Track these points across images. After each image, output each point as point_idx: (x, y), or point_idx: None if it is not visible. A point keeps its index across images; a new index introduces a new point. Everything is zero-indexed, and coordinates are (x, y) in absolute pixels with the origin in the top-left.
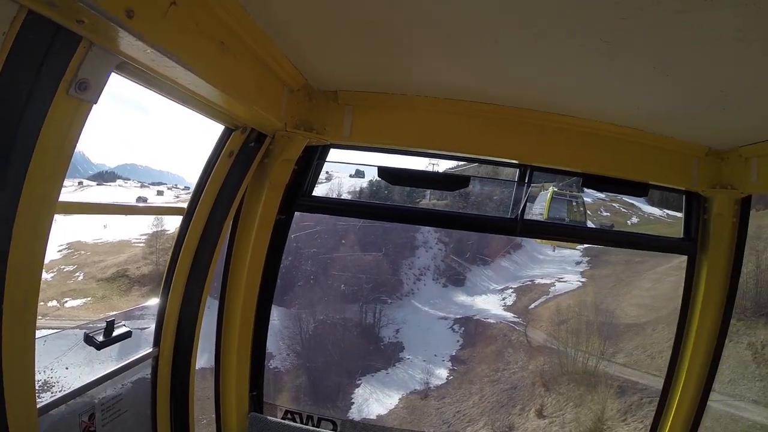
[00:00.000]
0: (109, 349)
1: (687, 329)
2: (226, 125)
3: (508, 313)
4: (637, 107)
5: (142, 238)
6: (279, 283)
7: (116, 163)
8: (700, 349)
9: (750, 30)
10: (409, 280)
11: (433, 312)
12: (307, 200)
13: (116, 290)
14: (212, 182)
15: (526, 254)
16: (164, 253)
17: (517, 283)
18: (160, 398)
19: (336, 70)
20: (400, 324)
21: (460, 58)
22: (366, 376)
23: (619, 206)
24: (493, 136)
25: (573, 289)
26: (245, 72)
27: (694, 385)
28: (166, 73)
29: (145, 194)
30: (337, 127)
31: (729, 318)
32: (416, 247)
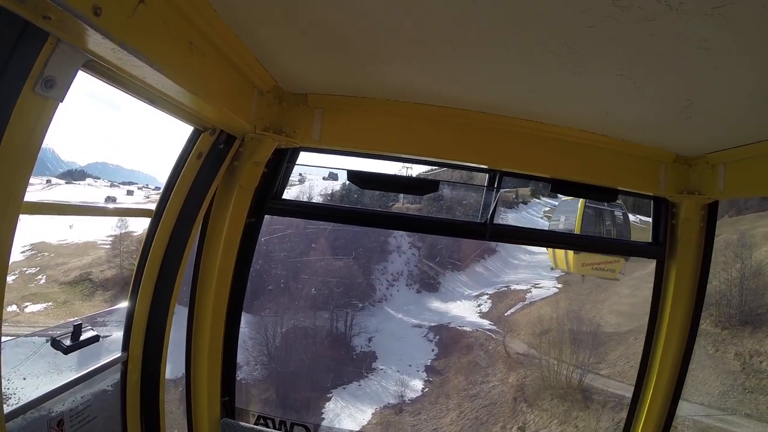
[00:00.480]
0: (72, 357)
1: (656, 332)
2: (195, 126)
3: (484, 320)
4: (606, 114)
5: (109, 239)
6: (247, 287)
7: (87, 162)
8: (670, 351)
9: (715, 39)
10: (381, 285)
11: (407, 319)
12: (277, 203)
13: (78, 295)
14: (181, 184)
15: (500, 259)
16: (129, 256)
17: (492, 289)
18: (130, 404)
19: (306, 73)
20: (372, 332)
21: (429, 64)
22: (337, 389)
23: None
24: (462, 141)
25: (549, 296)
26: (214, 73)
27: (665, 388)
28: (134, 72)
29: (115, 194)
30: (306, 130)
31: (698, 321)
32: (389, 252)
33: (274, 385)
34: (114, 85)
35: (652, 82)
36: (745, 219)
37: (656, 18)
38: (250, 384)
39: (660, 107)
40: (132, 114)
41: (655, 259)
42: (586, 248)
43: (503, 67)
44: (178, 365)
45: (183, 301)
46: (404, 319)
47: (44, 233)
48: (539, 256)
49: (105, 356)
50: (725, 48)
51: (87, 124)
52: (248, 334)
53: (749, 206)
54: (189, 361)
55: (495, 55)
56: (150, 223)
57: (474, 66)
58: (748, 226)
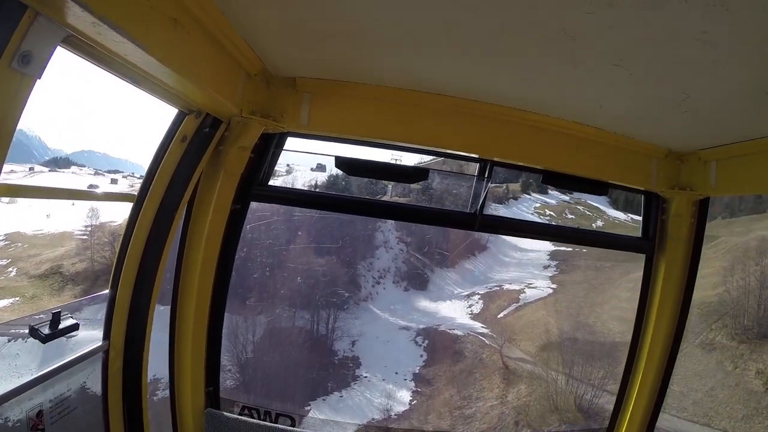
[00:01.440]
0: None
1: (644, 327)
2: (180, 108)
3: (476, 322)
4: (600, 106)
5: (87, 229)
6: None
7: (74, 149)
8: (657, 345)
9: (716, 33)
10: (367, 283)
11: (394, 320)
12: (263, 189)
13: (48, 289)
14: (164, 168)
15: (491, 256)
16: (101, 248)
17: (483, 288)
18: (112, 393)
19: (295, 56)
20: (356, 335)
21: (421, 49)
22: (316, 400)
23: (583, 209)
24: (454, 130)
25: (544, 297)
26: (199, 52)
27: (651, 383)
28: (115, 48)
29: (98, 182)
30: (294, 115)
31: (686, 316)
32: (376, 247)
33: (246, 394)
34: (95, 62)
35: (648, 74)
36: (739, 221)
37: (656, 7)
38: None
39: (655, 100)
40: (121, 101)
41: (644, 254)
42: (574, 241)
43: (498, 54)
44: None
45: (162, 300)
46: (390, 320)
47: (20, 223)
48: (531, 254)
49: (85, 345)
50: (724, 42)
51: (74, 110)
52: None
53: (743, 208)
54: (172, 351)
55: (490, 41)
56: (132, 208)
57: (468, 52)
58: (742, 228)
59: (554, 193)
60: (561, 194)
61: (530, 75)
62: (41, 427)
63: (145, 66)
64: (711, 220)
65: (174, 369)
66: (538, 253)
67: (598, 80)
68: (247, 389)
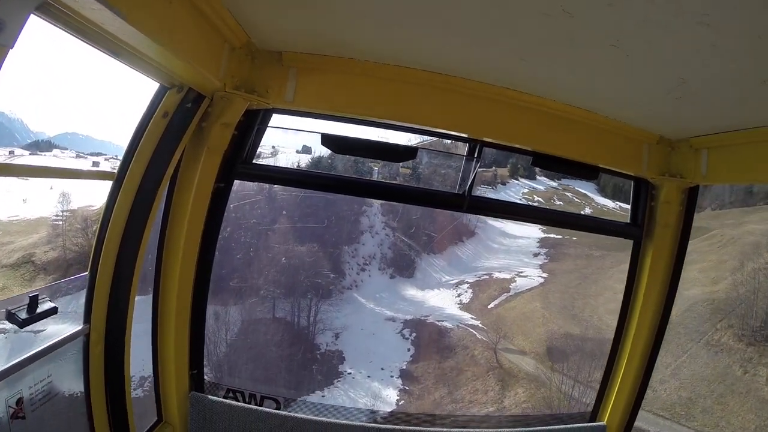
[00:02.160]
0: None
1: (630, 311)
2: (161, 83)
3: (465, 313)
4: (594, 87)
5: (63, 215)
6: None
7: (57, 132)
8: (643, 330)
9: (716, 15)
10: (352, 270)
11: (380, 310)
12: (247, 167)
13: (19, 279)
14: (144, 145)
15: (480, 243)
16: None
17: (472, 277)
18: (94, 378)
19: (281, 29)
20: (339, 327)
21: (410, 23)
22: (296, 402)
23: (572, 196)
24: (443, 108)
25: (535, 287)
26: (181, 22)
27: (636, 367)
28: (91, 16)
29: (80, 165)
30: (279, 91)
31: (671, 303)
32: (361, 232)
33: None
34: (71, 32)
35: (646, 56)
36: (730, 213)
37: None
38: None
39: (650, 84)
40: (104, 80)
41: (632, 240)
42: (562, 225)
43: (491, 29)
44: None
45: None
46: (376, 310)
47: None
48: (520, 241)
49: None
50: (726, 26)
51: (57, 91)
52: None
53: (733, 200)
54: (155, 333)
55: (484, 16)
56: (111, 186)
57: (459, 27)
58: (733, 221)
59: (542, 178)
60: (549, 180)
61: (524, 53)
62: (22, 414)
63: (123, 36)
64: (699, 211)
65: (157, 352)
66: (528, 240)
67: (594, 61)
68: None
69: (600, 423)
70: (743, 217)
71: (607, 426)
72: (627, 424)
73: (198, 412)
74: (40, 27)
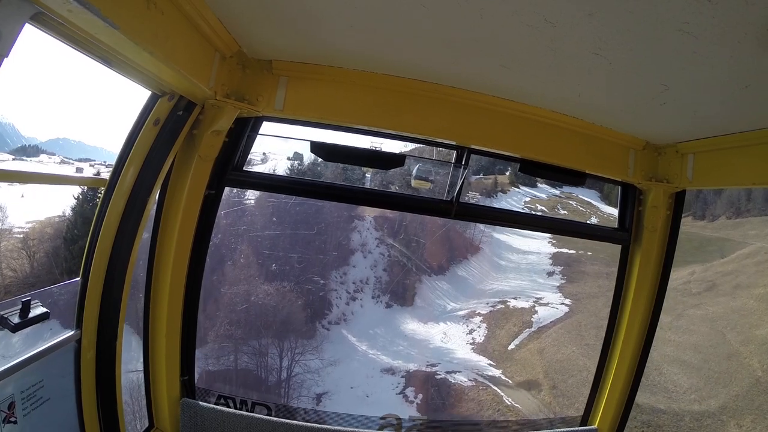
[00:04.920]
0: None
1: (619, 316)
2: (152, 90)
3: (482, 358)
4: (579, 95)
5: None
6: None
7: (48, 137)
8: (632, 334)
9: (697, 23)
10: (340, 300)
11: (374, 355)
12: (238, 175)
13: None
14: (136, 152)
15: (486, 260)
16: (10, 256)
17: (484, 306)
18: (85, 384)
19: (271, 38)
20: (322, 387)
21: (399, 33)
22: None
23: (576, 204)
24: (431, 116)
25: (561, 318)
26: (173, 32)
27: (626, 372)
28: (85, 26)
29: (63, 171)
30: (269, 99)
31: (660, 307)
32: (352, 251)
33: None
34: (65, 41)
35: (628, 63)
36: (750, 223)
37: None
38: None
39: (634, 91)
40: (98, 86)
41: (620, 245)
42: (551, 230)
43: (476, 38)
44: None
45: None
46: (370, 354)
47: None
48: (530, 257)
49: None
50: (706, 33)
51: (51, 96)
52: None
53: (750, 208)
54: (147, 340)
55: (468, 25)
56: (104, 192)
57: (446, 37)
58: (757, 231)
59: (544, 186)
60: (551, 188)
61: (509, 62)
62: (13, 419)
63: (116, 45)
64: (714, 220)
65: (149, 358)
66: (538, 255)
67: (577, 69)
68: None
69: (591, 427)
70: (767, 227)
71: (599, 429)
72: (618, 428)
73: (189, 418)
74: (36, 35)
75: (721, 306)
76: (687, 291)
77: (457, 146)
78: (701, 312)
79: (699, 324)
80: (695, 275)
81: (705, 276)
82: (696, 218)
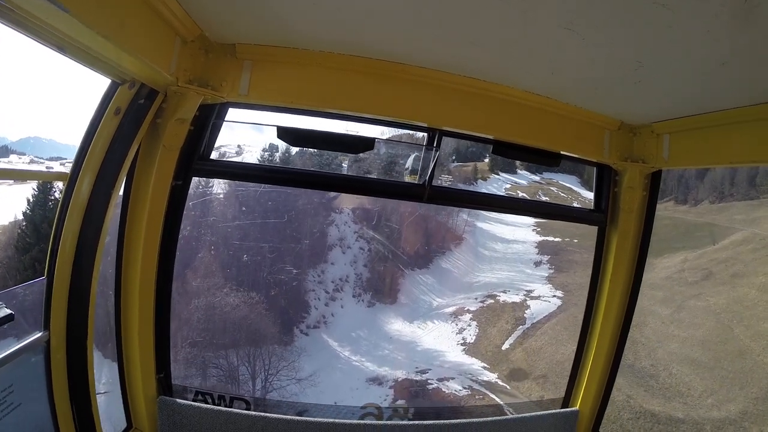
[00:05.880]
0: None
1: (597, 297)
2: (111, 78)
3: (474, 360)
4: (551, 73)
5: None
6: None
7: (19, 137)
8: (611, 315)
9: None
10: (318, 301)
11: (358, 362)
12: (204, 164)
13: None
14: (97, 143)
15: (469, 250)
16: None
17: (472, 301)
18: (57, 386)
19: (233, 20)
20: (301, 399)
21: (364, 12)
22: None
23: (557, 190)
24: (400, 97)
25: (555, 312)
26: (130, 16)
27: (605, 354)
28: (34, 11)
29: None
30: (233, 84)
31: (638, 288)
32: (330, 247)
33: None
34: (16, 28)
35: (600, 39)
36: (734, 207)
37: None
38: None
39: (608, 69)
40: (67, 82)
41: (596, 226)
42: (525, 212)
43: (443, 15)
44: None
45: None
46: (354, 362)
47: None
48: (515, 246)
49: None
50: (681, 5)
51: (20, 94)
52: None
53: (734, 192)
54: (119, 338)
55: (434, 4)
56: (65, 187)
57: (411, 13)
58: (743, 216)
59: (523, 172)
60: (531, 174)
61: (477, 39)
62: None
63: (69, 31)
64: (697, 204)
65: (122, 356)
66: (523, 244)
67: (549, 45)
68: None
69: (573, 408)
70: (753, 212)
71: (580, 410)
72: (599, 408)
73: (167, 417)
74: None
75: (722, 296)
76: (683, 280)
77: (428, 128)
78: (702, 303)
79: (702, 317)
80: (688, 263)
81: (699, 264)
82: (678, 203)
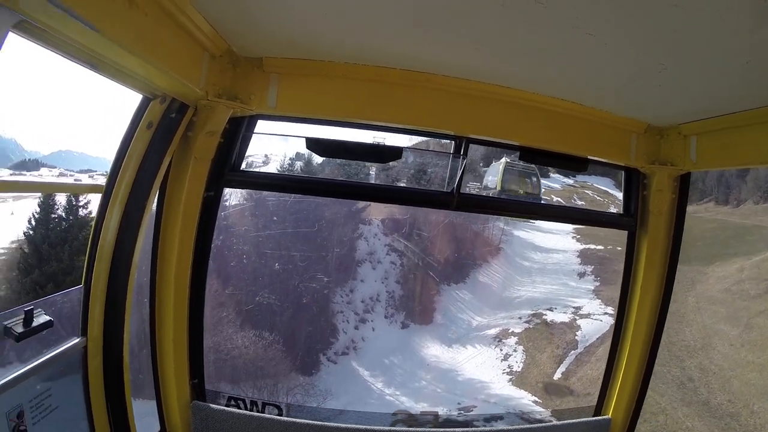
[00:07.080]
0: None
1: (629, 302)
2: (143, 93)
3: (525, 393)
4: (575, 78)
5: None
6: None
7: (51, 150)
8: (643, 321)
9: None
10: (347, 324)
11: (392, 396)
12: (235, 175)
13: None
14: (131, 157)
15: (507, 261)
16: None
17: (517, 321)
18: (94, 391)
19: (260, 35)
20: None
21: (390, 23)
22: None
23: (593, 194)
24: (426, 106)
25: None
26: (158, 33)
27: (638, 360)
28: (68, 32)
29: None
30: (262, 97)
31: (670, 292)
32: (359, 262)
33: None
34: (50, 48)
35: (622, 43)
36: None
37: None
38: None
39: (631, 73)
40: (100, 96)
41: (626, 231)
42: (554, 218)
43: (466, 25)
44: None
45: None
46: (387, 397)
47: None
48: (555, 255)
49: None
50: (700, 8)
51: (54, 109)
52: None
53: None
54: (154, 344)
55: (457, 12)
56: (101, 199)
57: (435, 24)
58: None
59: (556, 176)
60: (564, 177)
61: (501, 48)
62: (23, 427)
63: (100, 49)
64: (739, 205)
65: (157, 363)
66: (564, 254)
67: (572, 51)
68: None
69: (605, 416)
70: None
71: (612, 419)
72: (632, 416)
73: (200, 421)
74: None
75: None
76: (744, 293)
77: (455, 136)
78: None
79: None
80: (746, 272)
81: (759, 273)
82: (719, 203)
